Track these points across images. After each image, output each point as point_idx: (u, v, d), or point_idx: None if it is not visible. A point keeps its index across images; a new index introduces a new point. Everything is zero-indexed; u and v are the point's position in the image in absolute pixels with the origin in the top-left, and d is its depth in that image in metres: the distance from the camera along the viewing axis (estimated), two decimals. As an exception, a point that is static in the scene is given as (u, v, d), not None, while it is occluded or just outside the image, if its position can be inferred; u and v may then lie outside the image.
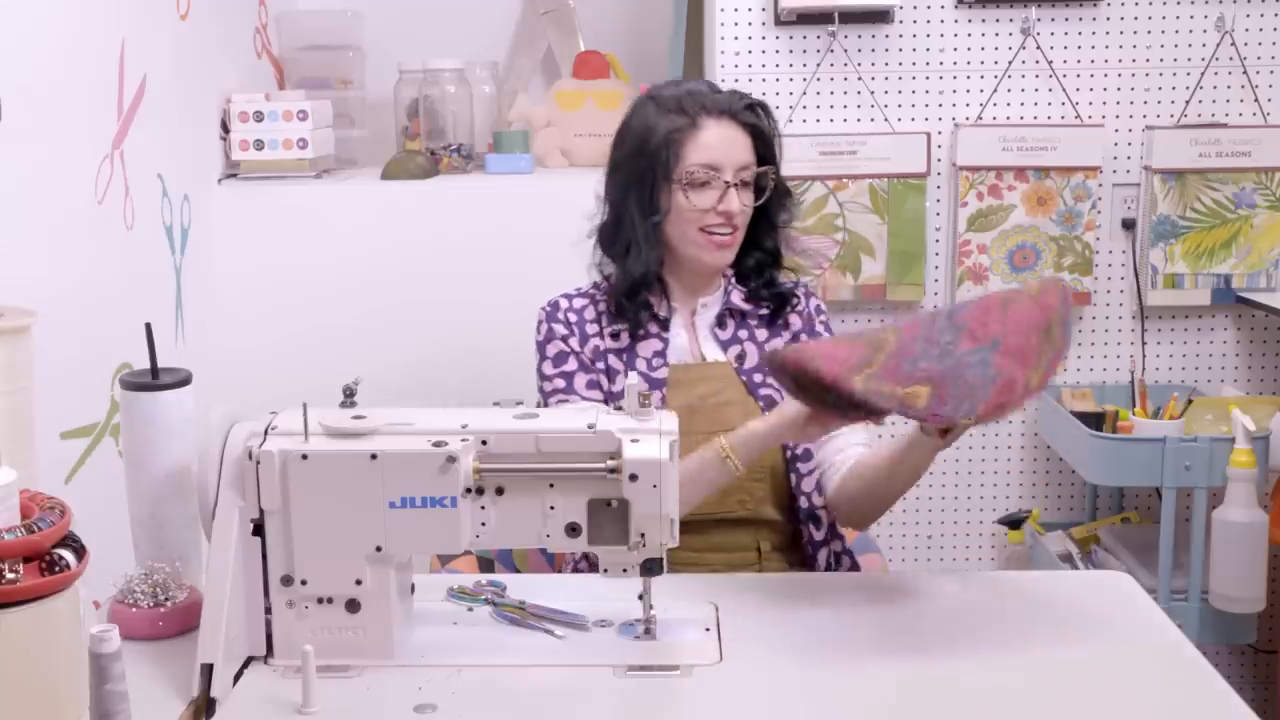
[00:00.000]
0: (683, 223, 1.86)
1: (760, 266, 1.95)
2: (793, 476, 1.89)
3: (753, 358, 1.91)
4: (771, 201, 1.91)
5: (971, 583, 1.75)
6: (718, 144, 1.85)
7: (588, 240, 1.96)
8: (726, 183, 1.84)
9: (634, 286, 1.89)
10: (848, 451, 1.89)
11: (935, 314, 1.58)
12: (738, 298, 1.94)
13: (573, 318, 1.92)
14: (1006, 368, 1.54)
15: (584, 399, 1.87)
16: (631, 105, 1.94)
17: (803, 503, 1.90)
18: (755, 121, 1.88)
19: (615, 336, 1.90)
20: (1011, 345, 1.55)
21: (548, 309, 1.94)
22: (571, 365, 1.89)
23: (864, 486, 1.84)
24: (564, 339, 1.91)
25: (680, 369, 1.89)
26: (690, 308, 1.94)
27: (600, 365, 1.90)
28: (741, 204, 1.85)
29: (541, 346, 1.92)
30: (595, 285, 1.96)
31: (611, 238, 1.92)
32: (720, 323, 1.94)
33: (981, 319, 1.55)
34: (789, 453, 1.88)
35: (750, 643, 1.49)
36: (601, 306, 1.92)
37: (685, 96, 1.88)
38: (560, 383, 1.89)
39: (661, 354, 1.89)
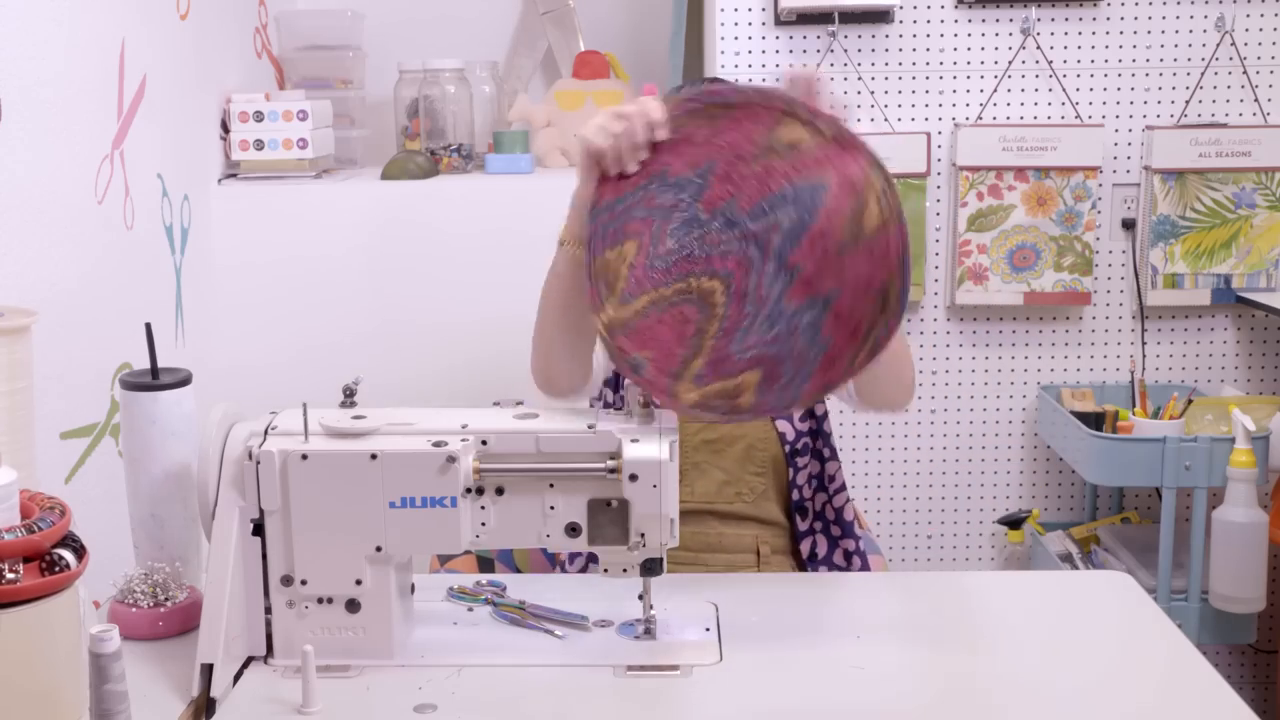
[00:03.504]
0: None
1: None
2: (790, 470, 1.89)
3: None
4: None
5: (971, 583, 1.76)
6: None
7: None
8: None
9: None
10: None
11: (764, 244, 1.41)
12: None
13: None
14: (835, 337, 1.40)
15: None
16: None
17: (794, 495, 1.91)
18: None
19: None
20: (844, 307, 1.40)
21: None
22: None
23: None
24: None
25: None
26: None
27: None
28: None
29: None
30: None
31: None
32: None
33: (818, 261, 1.40)
34: (788, 447, 1.89)
35: (750, 643, 1.49)
36: None
37: None
38: None
39: None
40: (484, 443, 1.44)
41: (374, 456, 1.41)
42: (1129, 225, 2.82)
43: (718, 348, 1.41)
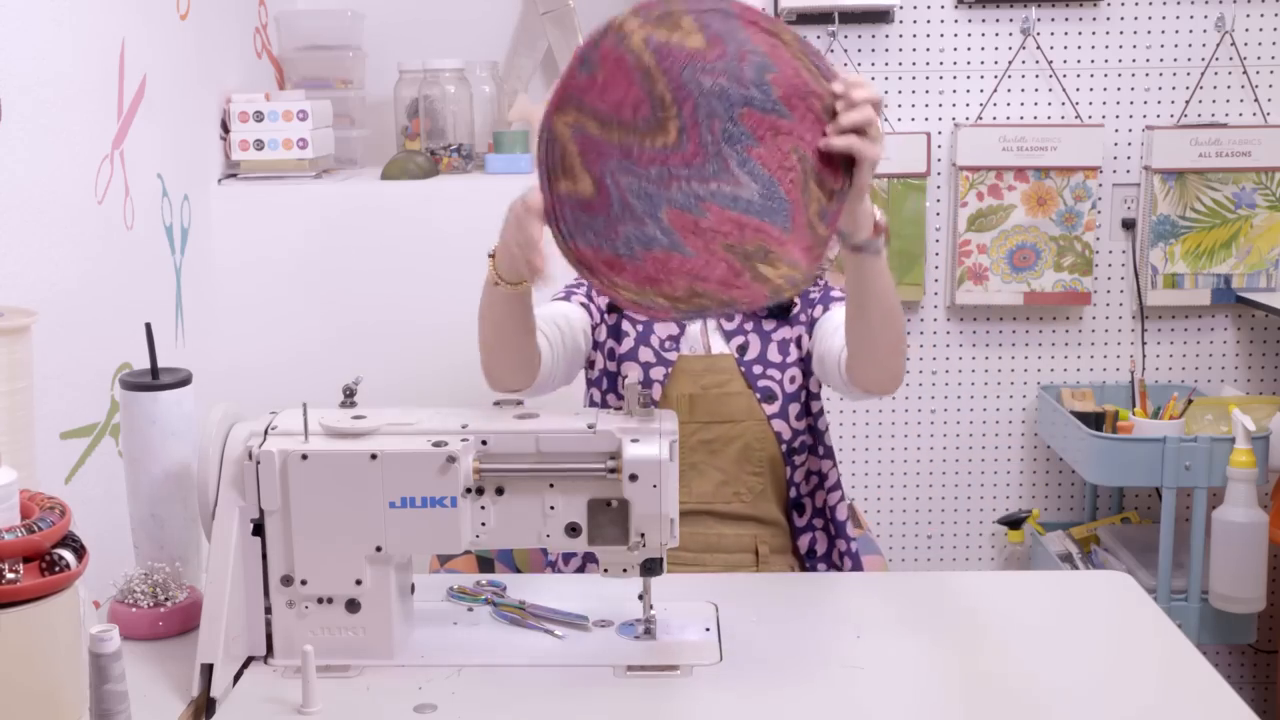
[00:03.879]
0: None
1: None
2: (788, 469, 1.90)
3: (754, 349, 1.91)
4: None
5: (971, 583, 1.76)
6: None
7: None
8: None
9: None
10: (839, 335, 1.82)
11: (714, 167, 1.40)
12: None
13: None
14: (640, 269, 1.38)
15: (564, 301, 1.94)
16: None
17: (791, 492, 1.91)
18: None
19: None
20: (665, 266, 1.38)
21: None
22: (580, 296, 1.95)
23: (848, 335, 1.75)
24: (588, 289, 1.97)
25: (689, 358, 1.90)
26: None
27: (610, 320, 1.93)
28: None
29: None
30: None
31: None
32: (728, 315, 1.94)
33: (705, 234, 1.39)
34: (785, 446, 1.89)
35: (750, 643, 1.49)
36: None
37: None
38: (561, 292, 1.96)
39: (675, 339, 1.90)
40: (484, 443, 1.44)
41: (374, 456, 1.41)
42: (1129, 225, 2.82)
43: (603, 139, 1.40)
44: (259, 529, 1.44)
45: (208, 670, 1.37)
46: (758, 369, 1.90)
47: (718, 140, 1.40)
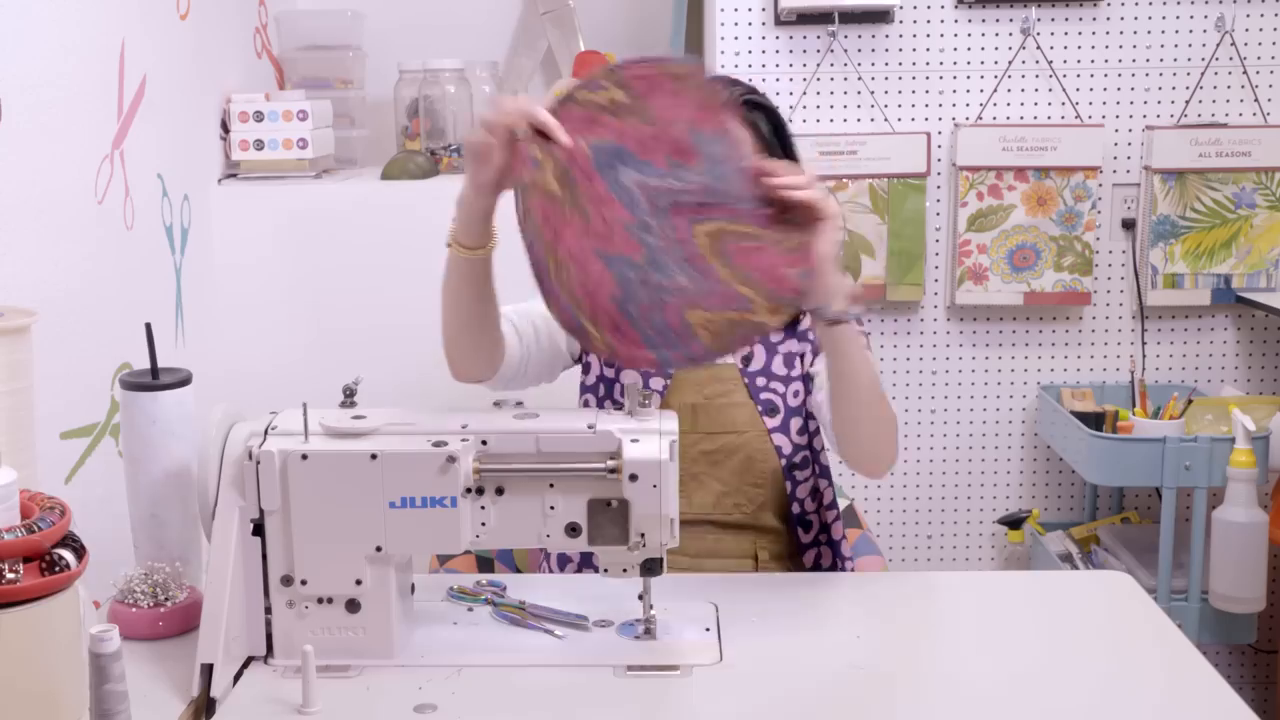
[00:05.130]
0: None
1: None
2: (789, 483, 1.88)
3: (759, 360, 1.89)
4: None
5: (971, 583, 1.76)
6: None
7: None
8: None
9: None
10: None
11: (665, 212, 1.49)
12: None
13: None
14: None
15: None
16: None
17: (795, 508, 1.90)
18: (749, 116, 1.80)
19: None
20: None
21: None
22: None
23: (834, 413, 1.74)
24: None
25: None
26: None
27: None
28: None
29: None
30: None
31: None
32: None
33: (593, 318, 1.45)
34: (785, 460, 1.87)
35: (750, 643, 1.49)
36: None
37: None
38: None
39: None
40: (484, 443, 1.44)
41: (374, 456, 1.41)
42: (1129, 225, 2.82)
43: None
44: (259, 529, 1.44)
45: (208, 670, 1.37)
46: (761, 381, 1.88)
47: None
